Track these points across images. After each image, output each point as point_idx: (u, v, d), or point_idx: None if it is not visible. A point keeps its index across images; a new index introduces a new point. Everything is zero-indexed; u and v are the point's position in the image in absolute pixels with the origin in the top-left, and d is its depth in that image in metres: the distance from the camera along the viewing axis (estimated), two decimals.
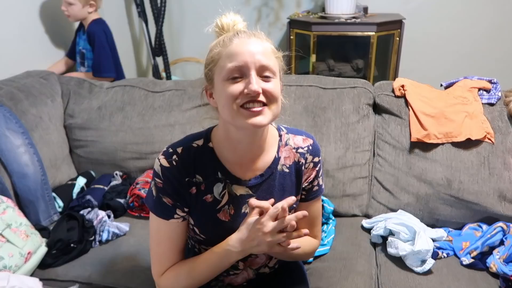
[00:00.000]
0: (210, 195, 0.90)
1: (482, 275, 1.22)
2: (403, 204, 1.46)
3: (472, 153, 1.41)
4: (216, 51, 0.83)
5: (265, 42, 0.83)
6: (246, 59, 0.78)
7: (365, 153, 1.54)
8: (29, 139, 1.54)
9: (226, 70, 0.79)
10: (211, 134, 0.92)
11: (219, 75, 0.82)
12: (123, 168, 1.72)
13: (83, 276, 1.27)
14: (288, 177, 0.95)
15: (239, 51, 0.79)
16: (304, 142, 0.97)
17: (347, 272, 1.22)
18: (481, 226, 1.36)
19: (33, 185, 1.48)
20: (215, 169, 0.89)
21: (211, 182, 0.90)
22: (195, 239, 0.96)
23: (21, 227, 1.28)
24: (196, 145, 0.90)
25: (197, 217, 0.92)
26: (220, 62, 0.81)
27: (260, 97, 0.79)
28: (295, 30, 2.78)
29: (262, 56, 0.80)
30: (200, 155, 0.89)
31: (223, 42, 0.82)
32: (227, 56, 0.80)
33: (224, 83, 0.80)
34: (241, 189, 0.91)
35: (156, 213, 0.90)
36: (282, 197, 0.92)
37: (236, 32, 0.83)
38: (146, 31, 2.74)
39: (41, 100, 1.70)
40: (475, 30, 2.88)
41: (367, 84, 1.64)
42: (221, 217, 0.91)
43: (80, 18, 2.10)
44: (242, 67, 0.79)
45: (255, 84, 0.77)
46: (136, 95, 1.77)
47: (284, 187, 0.94)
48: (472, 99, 1.50)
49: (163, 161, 0.87)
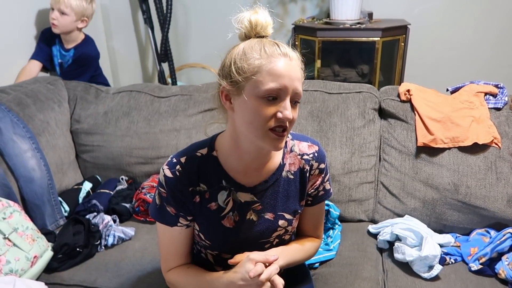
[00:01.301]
0: (214, 203, 0.90)
1: (490, 282, 1.20)
2: (410, 209, 1.45)
3: (479, 158, 1.40)
4: (257, 63, 0.78)
5: (300, 66, 0.82)
6: (287, 84, 0.78)
7: (371, 158, 1.53)
8: (36, 144, 1.55)
9: (266, 89, 0.77)
10: (215, 142, 0.92)
11: (254, 88, 0.78)
12: (128, 173, 1.73)
13: (89, 280, 1.27)
14: (292, 183, 0.94)
15: (283, 74, 0.77)
16: (310, 148, 0.96)
17: (353, 277, 1.21)
18: (489, 231, 1.35)
19: (39, 189, 1.49)
20: (219, 177, 0.90)
21: (216, 190, 0.90)
22: (201, 244, 0.97)
23: (27, 231, 1.29)
24: (200, 154, 0.90)
25: (202, 224, 0.92)
26: (259, 76, 0.78)
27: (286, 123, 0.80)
28: (300, 36, 2.79)
29: (298, 83, 0.80)
30: (204, 164, 0.89)
31: (266, 55, 0.78)
32: (270, 74, 0.77)
33: (259, 100, 0.78)
34: (246, 196, 0.91)
35: (160, 220, 0.91)
36: (286, 203, 0.93)
37: (280, 49, 0.80)
38: (152, 37, 2.76)
39: (48, 105, 1.72)
40: (480, 35, 2.87)
41: (372, 89, 1.63)
42: (226, 224, 0.91)
43: (66, 31, 1.93)
44: (282, 91, 0.78)
45: (291, 112, 0.79)
46: (142, 100, 1.78)
47: (288, 193, 0.94)
48: (478, 104, 1.49)
49: (167, 171, 0.88)
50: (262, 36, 0.83)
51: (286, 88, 0.78)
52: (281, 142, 0.81)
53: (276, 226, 0.94)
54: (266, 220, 0.93)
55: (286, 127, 0.80)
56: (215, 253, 0.96)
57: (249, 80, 0.79)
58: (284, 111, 0.78)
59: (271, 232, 0.94)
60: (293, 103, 0.81)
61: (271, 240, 0.96)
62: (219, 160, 0.90)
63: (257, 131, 0.80)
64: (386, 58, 2.76)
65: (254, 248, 0.94)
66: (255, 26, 0.82)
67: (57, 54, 2.05)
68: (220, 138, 0.92)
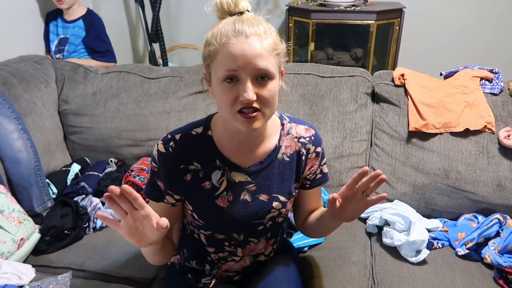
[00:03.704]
0: (208, 182, 0.90)
1: (476, 266, 1.22)
2: (400, 194, 1.45)
3: (471, 143, 1.40)
4: (213, 48, 0.78)
5: (265, 39, 0.78)
6: (241, 64, 0.75)
7: (363, 142, 1.53)
8: (22, 124, 1.52)
9: (222, 72, 0.77)
10: (211, 122, 0.92)
11: (215, 73, 0.79)
12: (118, 155, 1.71)
13: (77, 262, 1.26)
14: (288, 166, 0.94)
15: (235, 54, 0.75)
16: (307, 132, 0.96)
17: (341, 261, 1.22)
18: (477, 216, 1.36)
19: (26, 171, 1.47)
20: (214, 156, 0.90)
21: (210, 169, 0.90)
22: (194, 224, 0.97)
23: (13, 213, 1.27)
24: (195, 132, 0.90)
25: (195, 203, 0.92)
26: (217, 60, 0.78)
27: (254, 103, 0.77)
28: (294, 18, 2.74)
29: (259, 59, 0.76)
30: (198, 143, 0.89)
31: (221, 37, 0.77)
32: (223, 57, 0.76)
33: (220, 84, 0.78)
34: (240, 176, 0.91)
35: (149, 195, 0.92)
36: (281, 185, 0.93)
37: (235, 28, 0.77)
38: (143, 16, 2.70)
39: (34, 85, 1.68)
40: (476, 20, 2.85)
41: (365, 73, 1.62)
42: (220, 204, 0.91)
43: (72, 5, 2.11)
44: (238, 72, 0.76)
45: (250, 93, 0.76)
46: (131, 81, 1.74)
47: (283, 175, 0.94)
48: (474, 88, 1.48)
49: (160, 146, 0.88)
50: (238, 13, 0.80)
51: (242, 68, 0.76)
52: (253, 123, 0.79)
53: (270, 208, 0.94)
54: (260, 201, 0.93)
55: (254, 107, 0.78)
56: (208, 233, 0.97)
57: (212, 65, 0.79)
58: (243, 93, 0.76)
59: (265, 213, 0.95)
60: (260, 79, 0.78)
61: (265, 222, 0.97)
62: (213, 139, 0.90)
63: (227, 114, 0.80)
64: (381, 42, 2.73)
65: (247, 229, 0.95)
66: (221, 6, 0.80)
67: (54, 29, 2.15)
68: (215, 118, 0.92)
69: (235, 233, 0.95)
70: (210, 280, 1.02)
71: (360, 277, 1.17)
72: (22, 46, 1.88)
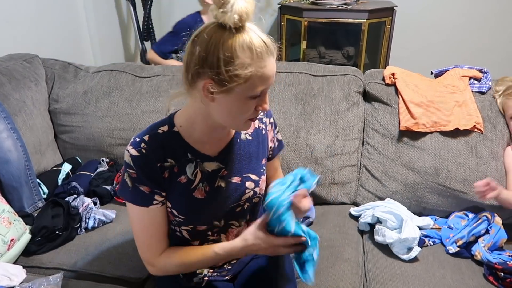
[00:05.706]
0: (184, 176, 0.92)
1: (467, 263, 1.23)
2: (391, 192, 1.47)
3: (460, 142, 1.42)
4: (250, 70, 0.76)
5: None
6: (272, 82, 0.82)
7: (354, 141, 1.54)
8: (12, 124, 1.50)
9: (256, 91, 0.80)
10: (174, 120, 0.93)
11: (246, 91, 0.78)
12: (110, 155, 1.69)
13: (68, 263, 1.25)
14: (252, 144, 1.00)
15: (271, 76, 0.80)
16: None
17: (334, 259, 1.23)
18: (467, 214, 1.38)
19: (16, 171, 1.45)
20: (185, 151, 0.91)
21: (183, 163, 0.91)
22: (175, 222, 0.98)
23: (3, 214, 1.25)
24: (161, 131, 0.91)
25: (174, 200, 0.93)
26: (251, 82, 0.77)
27: None
28: (286, 16, 2.74)
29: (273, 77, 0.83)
30: (167, 140, 0.90)
31: (258, 58, 0.76)
32: (261, 79, 0.78)
33: (246, 100, 0.81)
34: (212, 165, 0.94)
35: (135, 202, 0.90)
36: (250, 164, 0.99)
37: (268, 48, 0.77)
38: (134, 14, 2.68)
39: (24, 84, 1.66)
40: (466, 19, 2.88)
41: (357, 72, 1.62)
42: (197, 195, 0.93)
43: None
44: (266, 89, 0.83)
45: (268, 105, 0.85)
46: (123, 80, 1.73)
47: (250, 154, 0.99)
48: (463, 88, 1.49)
49: (132, 151, 0.87)
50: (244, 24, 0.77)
51: (270, 86, 0.83)
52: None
53: (244, 189, 0.97)
54: (233, 184, 0.96)
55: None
56: (190, 227, 0.97)
57: (240, 86, 0.78)
58: (264, 105, 0.84)
59: (240, 195, 0.97)
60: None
61: (242, 204, 0.99)
62: (181, 135, 0.91)
63: (236, 122, 0.86)
64: (372, 40, 2.74)
65: (226, 214, 0.98)
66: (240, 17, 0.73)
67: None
68: (180, 115, 0.93)
69: (215, 221, 0.97)
70: (201, 279, 1.02)
71: (353, 274, 1.18)
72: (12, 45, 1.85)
